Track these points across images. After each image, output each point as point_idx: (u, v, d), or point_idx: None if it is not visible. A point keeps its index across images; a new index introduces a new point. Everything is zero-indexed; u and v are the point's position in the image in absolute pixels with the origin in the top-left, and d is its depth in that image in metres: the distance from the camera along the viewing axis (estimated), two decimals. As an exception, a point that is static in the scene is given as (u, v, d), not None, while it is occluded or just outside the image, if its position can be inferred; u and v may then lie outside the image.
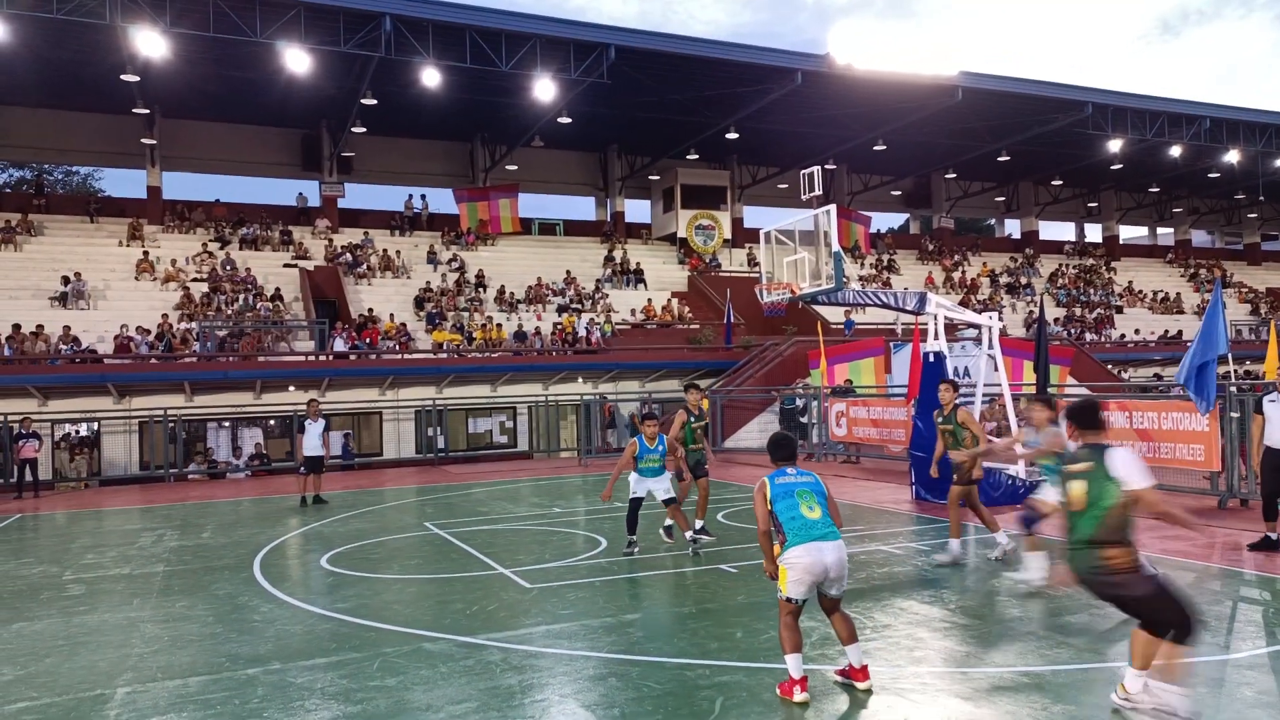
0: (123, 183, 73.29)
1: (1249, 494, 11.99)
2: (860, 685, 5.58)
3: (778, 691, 5.54)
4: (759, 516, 5.62)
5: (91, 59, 24.66)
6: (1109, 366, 30.48)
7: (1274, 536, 9.38)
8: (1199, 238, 53.31)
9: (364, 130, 30.63)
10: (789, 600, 5.52)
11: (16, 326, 22.59)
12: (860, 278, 35.80)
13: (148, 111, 28.59)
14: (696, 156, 35.64)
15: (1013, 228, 48.04)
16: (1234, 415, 12.05)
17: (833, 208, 13.52)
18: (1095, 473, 4.88)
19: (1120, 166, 38.92)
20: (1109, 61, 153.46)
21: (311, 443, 15.77)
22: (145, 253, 27.73)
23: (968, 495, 9.49)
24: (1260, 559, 9.07)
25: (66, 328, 22.94)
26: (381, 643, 6.93)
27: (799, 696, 5.40)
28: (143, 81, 25.55)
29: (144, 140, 30.02)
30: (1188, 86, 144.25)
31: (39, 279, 25.56)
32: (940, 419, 9.76)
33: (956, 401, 9.79)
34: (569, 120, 29.22)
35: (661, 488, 10.20)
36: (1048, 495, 5.41)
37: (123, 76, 24.62)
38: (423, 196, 34.96)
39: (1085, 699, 5.32)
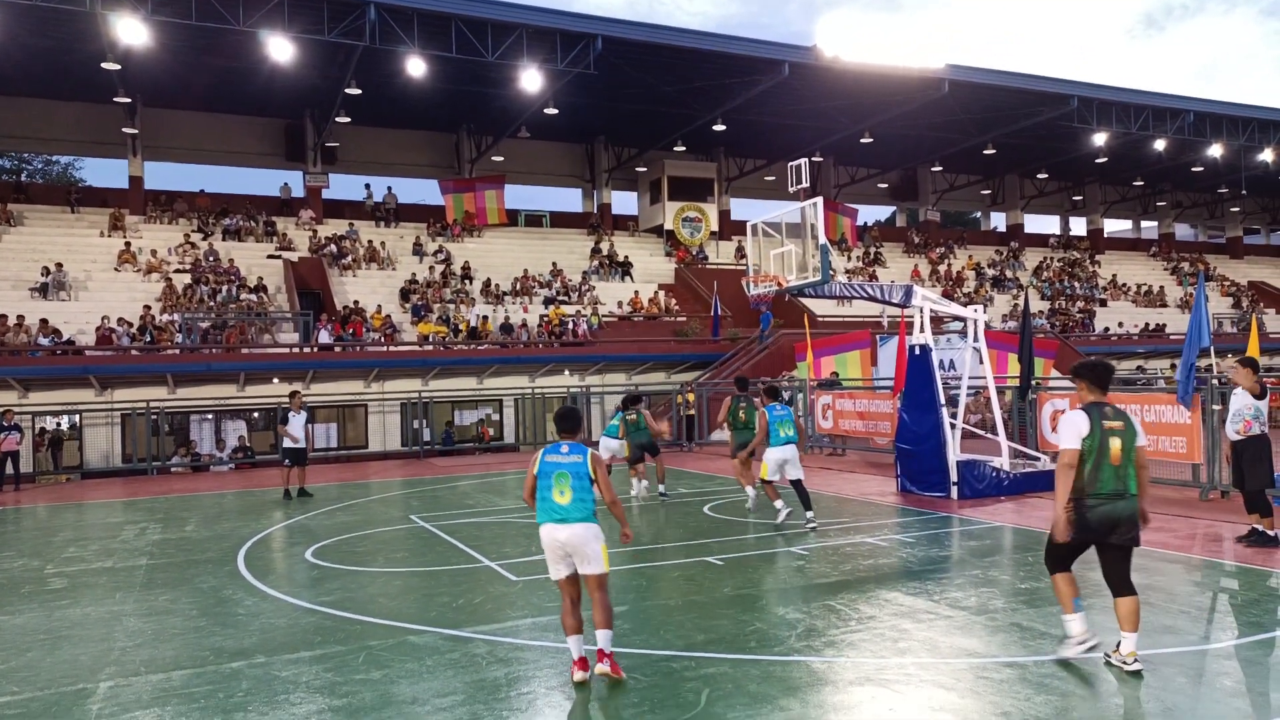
0: (104, 172, 72.71)
1: (1230, 485, 12.09)
2: (600, 668, 5.63)
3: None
4: (526, 487, 5.99)
5: (72, 47, 24.37)
6: (1091, 358, 30.63)
7: (1275, 533, 9.15)
8: (1182, 231, 53.72)
9: (348, 120, 30.44)
10: (555, 581, 5.90)
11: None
12: (847, 270, 35.87)
13: (129, 100, 28.28)
14: (684, 148, 35.58)
15: (998, 221, 48.26)
16: (1215, 408, 12.15)
17: (819, 200, 13.51)
18: (1129, 430, 5.59)
19: (1105, 160, 39.14)
20: (1094, 55, 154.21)
21: (295, 434, 15.75)
22: (127, 243, 27.47)
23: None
24: (1249, 552, 9.14)
25: (44, 320, 22.69)
26: (367, 636, 6.91)
27: (577, 676, 5.63)
28: (124, 70, 25.28)
29: (125, 129, 29.70)
30: (1172, 81, 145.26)
31: (19, 270, 25.29)
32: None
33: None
34: (555, 111, 29.10)
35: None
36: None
37: (104, 65, 24.33)
38: (388, 188, 34.64)
39: (1069, 689, 5.36)
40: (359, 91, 26.61)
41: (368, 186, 34.47)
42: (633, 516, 12.54)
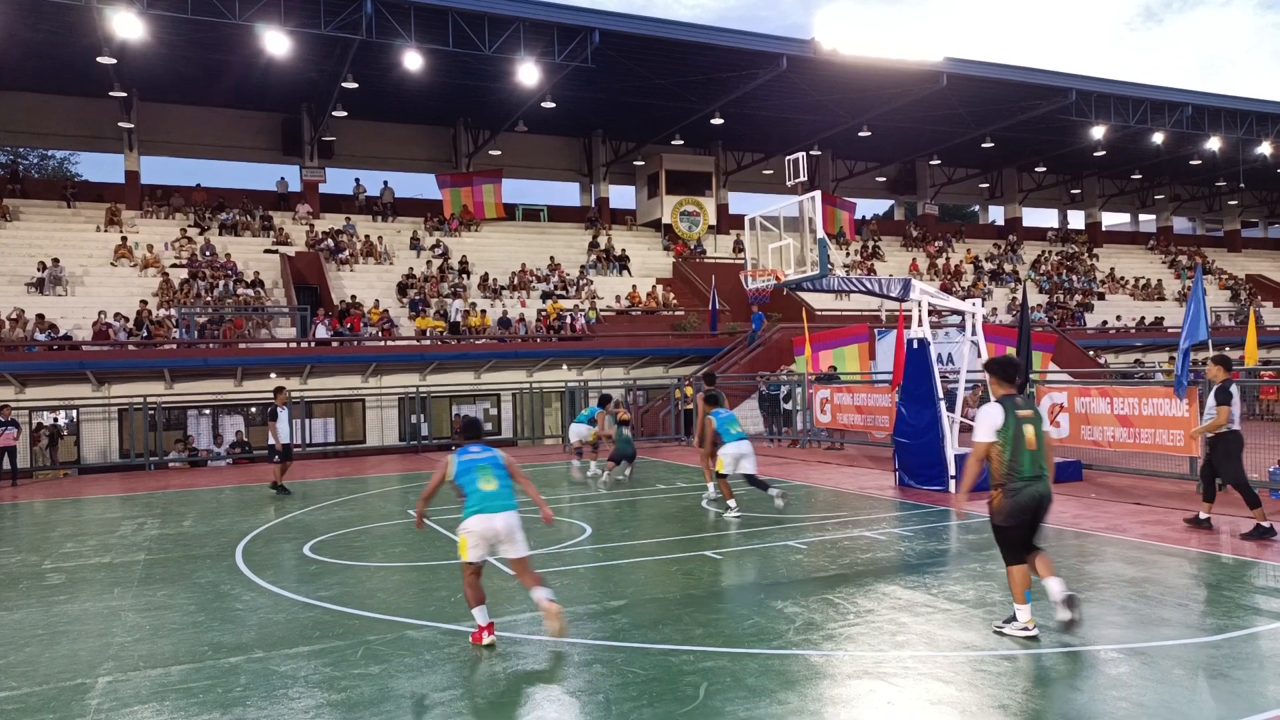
0: (100, 167, 72.49)
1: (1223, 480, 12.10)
2: (553, 609, 6.25)
3: (470, 641, 6.40)
4: (430, 483, 6.74)
5: (67, 40, 24.29)
6: (1090, 353, 30.70)
7: (1266, 524, 9.32)
8: (1180, 224, 53.74)
9: (345, 114, 30.37)
10: (469, 564, 6.44)
11: (-7, 313, 22.34)
12: (845, 264, 35.87)
13: (125, 95, 28.20)
14: (681, 142, 35.52)
15: (996, 214, 48.26)
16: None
17: (817, 194, 13.48)
18: (1037, 419, 6.25)
19: (1103, 153, 39.14)
20: (1093, 48, 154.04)
21: (283, 430, 15.79)
22: (123, 238, 27.42)
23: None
24: (1246, 545, 9.16)
25: (40, 315, 22.66)
26: (365, 631, 6.91)
27: (487, 640, 6.34)
28: (120, 64, 25.20)
29: (121, 124, 29.62)
30: (1170, 73, 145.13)
31: (15, 265, 25.24)
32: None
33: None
34: (553, 105, 29.05)
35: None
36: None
37: (99, 59, 24.25)
38: (384, 183, 34.54)
39: (1067, 682, 5.37)
40: (356, 85, 26.54)
41: (358, 181, 34.37)
42: (634, 510, 12.56)
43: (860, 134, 34.32)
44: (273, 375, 23.64)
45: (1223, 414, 9.54)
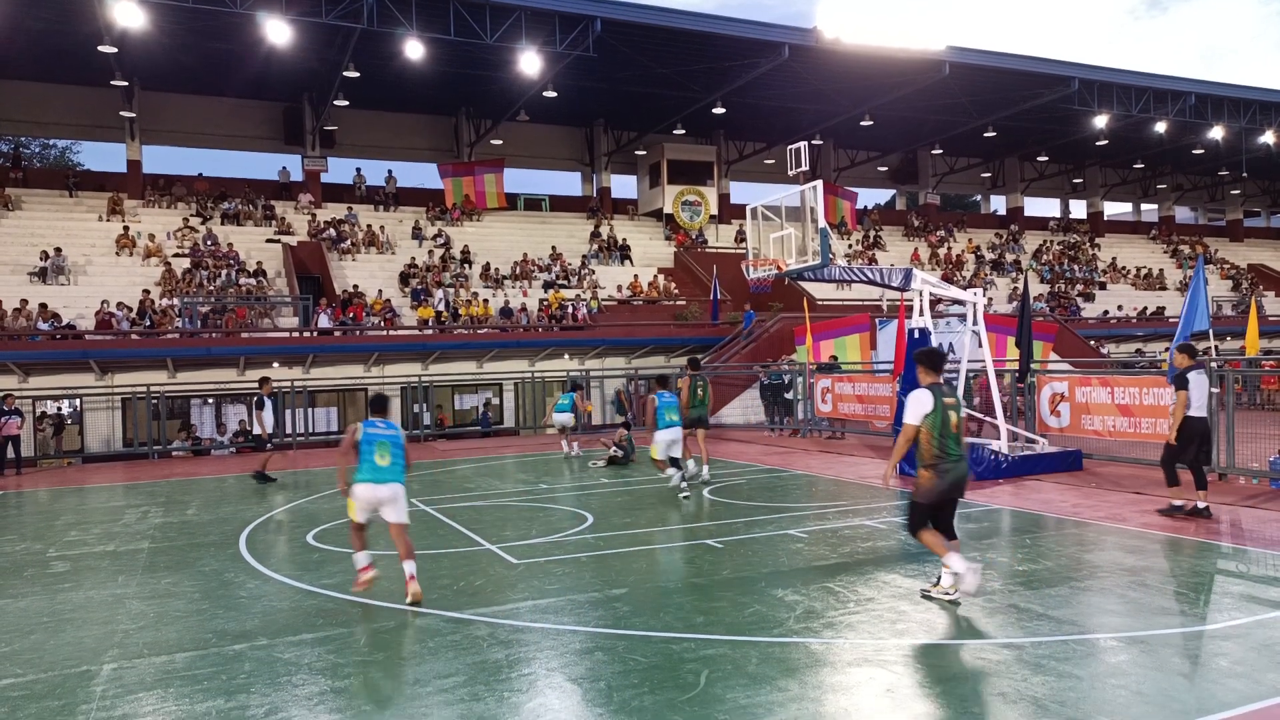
0: (102, 156, 72.56)
1: (1227, 468, 12.15)
2: (410, 593, 7.20)
3: (355, 586, 7.51)
4: (343, 448, 7.66)
5: (68, 30, 24.23)
6: (1091, 342, 30.69)
7: (1203, 505, 9.77)
8: (1182, 214, 53.60)
9: (346, 104, 30.32)
10: (354, 521, 7.58)
11: (-4, 302, 22.37)
12: (846, 254, 35.82)
13: (126, 84, 28.16)
14: (683, 132, 35.44)
15: (998, 204, 48.14)
16: (1214, 390, 12.16)
17: (819, 183, 13.46)
18: (959, 405, 6.84)
19: (1105, 142, 39.00)
20: (1096, 36, 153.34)
21: (269, 420, 15.93)
22: (125, 228, 27.41)
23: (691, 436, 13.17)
24: (1245, 532, 9.19)
25: (43, 305, 22.69)
26: (368, 618, 6.95)
27: (365, 577, 7.46)
28: (121, 53, 25.16)
29: (123, 113, 29.57)
30: (1173, 62, 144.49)
31: (17, 254, 25.25)
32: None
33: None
34: (555, 94, 28.98)
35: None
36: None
37: (100, 48, 24.20)
38: (389, 172, 34.55)
39: (1066, 671, 5.40)
40: (357, 74, 26.49)
41: (359, 171, 34.33)
42: (638, 501, 12.60)
43: (862, 123, 34.21)
44: (275, 364, 23.70)
45: (1182, 399, 9.82)
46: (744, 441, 20.28)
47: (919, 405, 6.74)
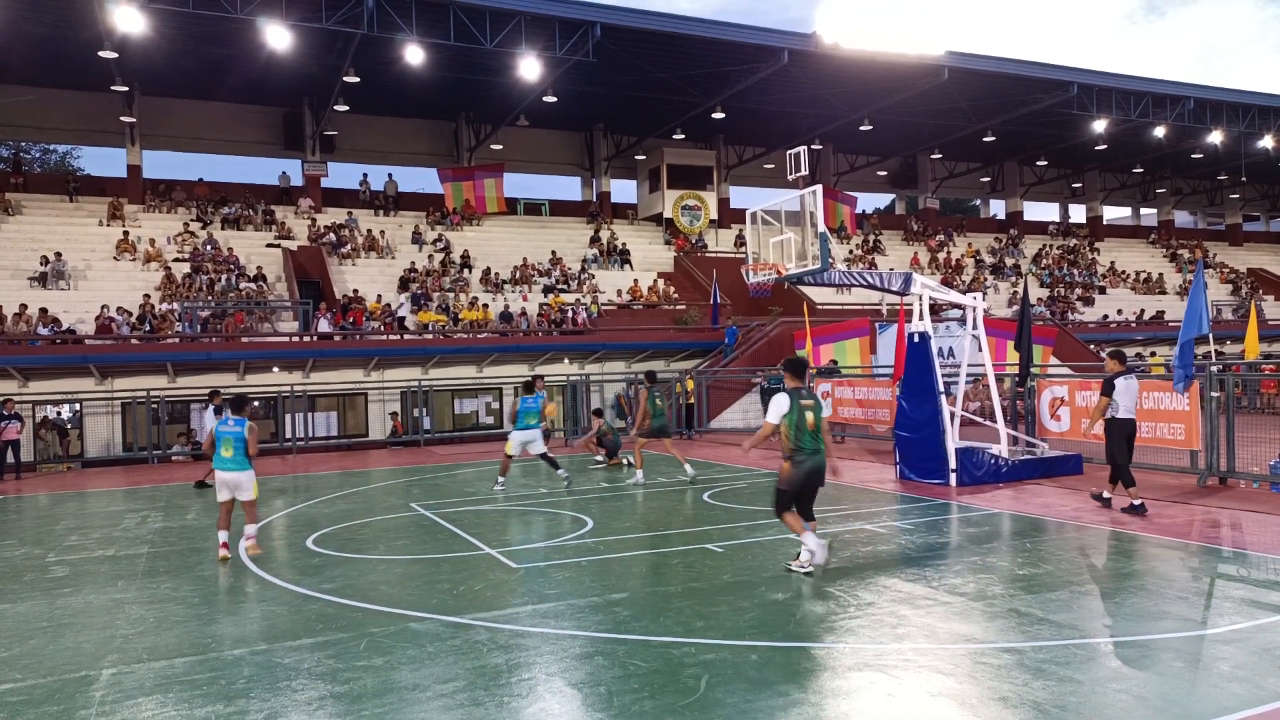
0: (102, 161, 72.40)
1: (1228, 472, 12.16)
2: (245, 544, 9.59)
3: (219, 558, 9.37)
4: (205, 441, 9.91)
5: (68, 34, 24.27)
6: (1091, 346, 30.69)
7: (1138, 503, 10.44)
8: (1181, 218, 53.63)
9: (346, 109, 30.36)
10: (220, 501, 9.63)
11: (-4, 307, 22.37)
12: (846, 258, 35.84)
13: (127, 89, 28.18)
14: (683, 136, 35.48)
15: (997, 208, 48.18)
16: (1215, 395, 12.18)
17: (819, 188, 13.47)
18: (816, 406, 7.90)
19: (1104, 147, 39.05)
20: (1094, 41, 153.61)
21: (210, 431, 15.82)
22: (126, 232, 27.42)
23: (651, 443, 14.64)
24: (1247, 538, 9.19)
25: (43, 310, 22.69)
26: (368, 623, 6.94)
27: (221, 554, 9.36)
28: (121, 58, 25.16)
29: (123, 118, 29.61)
30: (1172, 66, 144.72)
31: (17, 259, 25.26)
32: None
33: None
34: (554, 99, 29.00)
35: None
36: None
37: (100, 53, 24.21)
38: (389, 175, 34.58)
39: (1067, 675, 5.39)
40: (357, 79, 26.52)
41: (365, 176, 34.38)
42: (639, 505, 12.59)
43: (861, 128, 34.24)
44: (275, 369, 23.70)
45: (1102, 403, 10.63)
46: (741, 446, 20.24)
47: (778, 406, 7.74)
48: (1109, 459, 10.84)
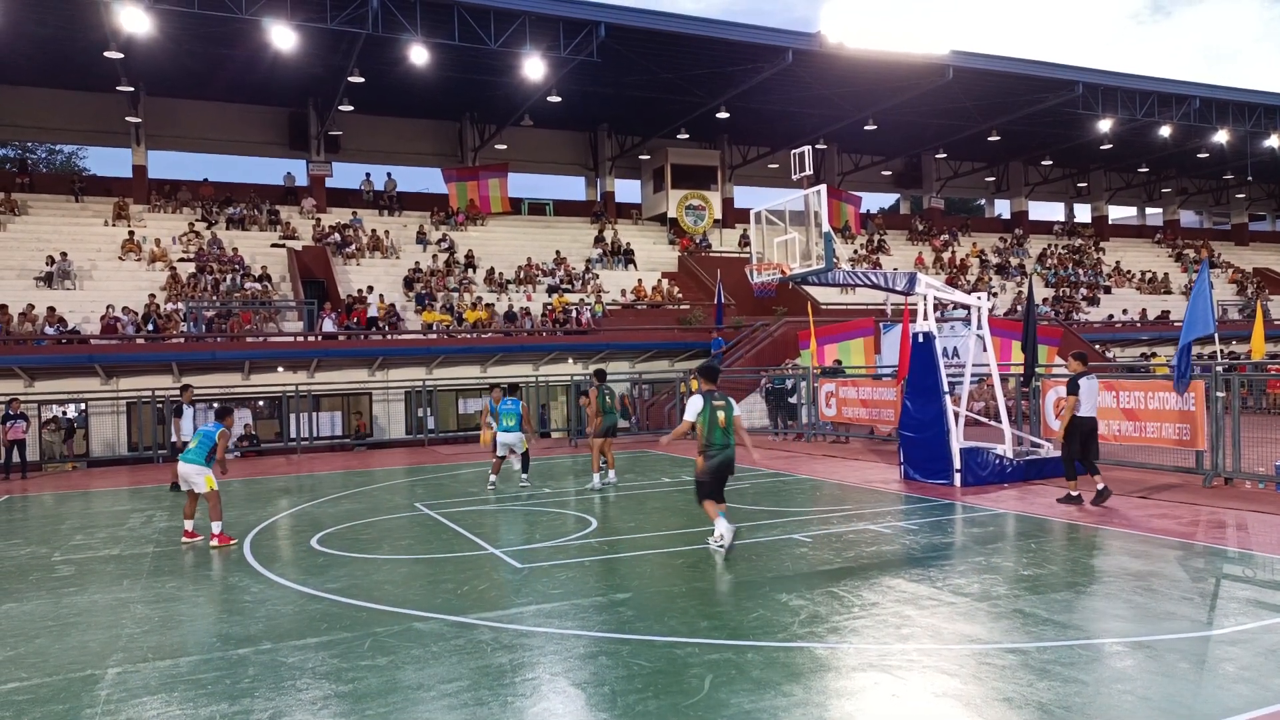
0: (107, 162, 72.82)
1: (1234, 472, 12.12)
2: (213, 544, 10.17)
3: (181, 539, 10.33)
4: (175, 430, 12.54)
5: (74, 35, 24.34)
6: (1096, 346, 30.63)
7: (1075, 494, 11.18)
8: (1187, 218, 53.50)
9: (351, 109, 30.40)
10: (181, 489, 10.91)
11: (2, 307, 22.42)
12: (850, 258, 35.79)
13: (132, 89, 28.24)
14: (687, 136, 35.48)
15: (1002, 208, 48.10)
16: (1220, 395, 12.14)
17: (823, 188, 13.46)
18: (727, 406, 8.89)
19: (1110, 146, 38.96)
20: (1100, 40, 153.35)
21: (186, 428, 15.57)
22: (131, 232, 27.49)
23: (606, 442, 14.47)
24: (1254, 539, 9.16)
25: (51, 309, 22.76)
26: (372, 623, 6.95)
27: (186, 541, 10.50)
28: (126, 59, 25.24)
29: (128, 119, 29.69)
30: (1177, 65, 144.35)
31: (23, 259, 25.34)
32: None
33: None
34: (559, 99, 29.03)
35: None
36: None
37: (106, 54, 24.30)
38: (388, 174, 34.59)
39: (1071, 675, 5.38)
40: (362, 80, 26.56)
41: (368, 176, 34.39)
42: (643, 505, 12.59)
43: (866, 128, 34.21)
44: (280, 369, 23.74)
45: (1071, 402, 11.03)
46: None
47: (693, 407, 8.78)
48: (1072, 458, 11.23)
